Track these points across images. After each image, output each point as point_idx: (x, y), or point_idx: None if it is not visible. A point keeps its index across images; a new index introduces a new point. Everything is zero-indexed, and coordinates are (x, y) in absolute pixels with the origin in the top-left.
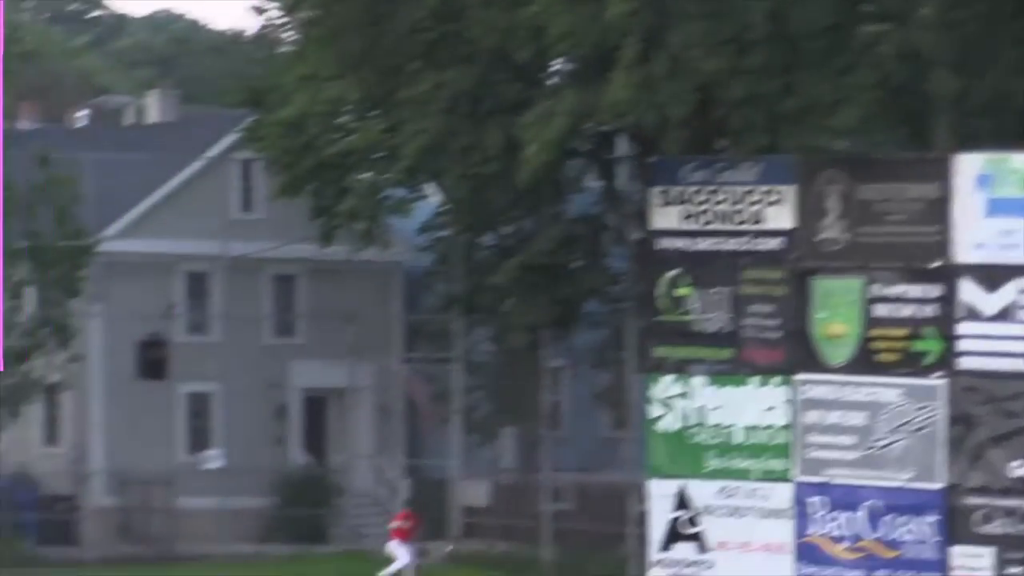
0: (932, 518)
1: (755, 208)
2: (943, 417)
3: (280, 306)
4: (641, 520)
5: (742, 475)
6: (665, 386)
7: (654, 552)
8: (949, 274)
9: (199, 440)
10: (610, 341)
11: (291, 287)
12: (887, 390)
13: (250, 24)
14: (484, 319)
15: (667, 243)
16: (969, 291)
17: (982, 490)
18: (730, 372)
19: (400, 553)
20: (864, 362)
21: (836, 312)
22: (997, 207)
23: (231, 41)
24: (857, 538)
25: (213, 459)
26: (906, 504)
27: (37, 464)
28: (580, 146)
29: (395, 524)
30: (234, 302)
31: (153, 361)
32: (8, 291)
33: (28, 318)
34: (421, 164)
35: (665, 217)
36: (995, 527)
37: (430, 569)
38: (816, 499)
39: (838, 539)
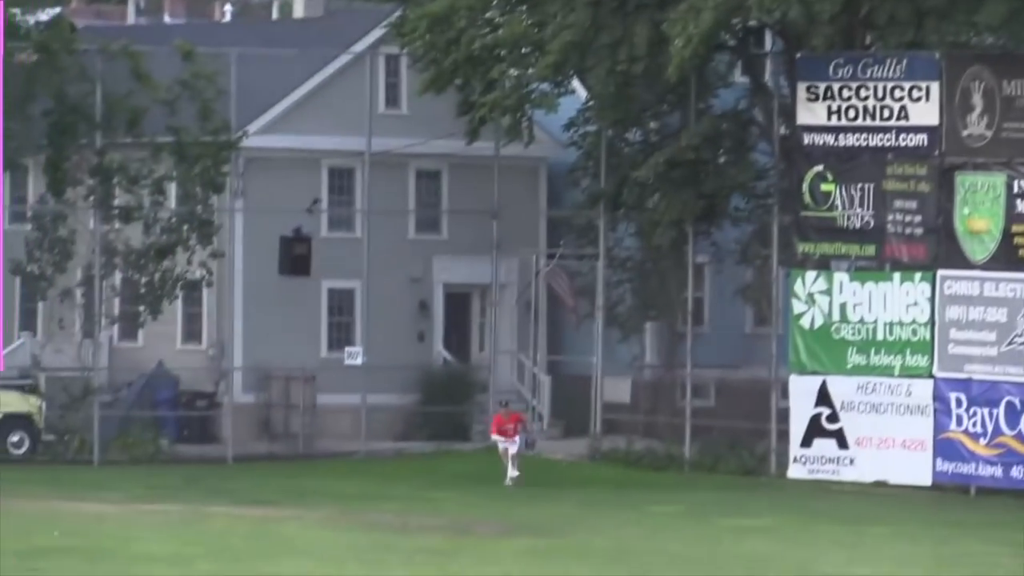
0: None
1: (900, 104)
2: None
3: (424, 202)
4: (782, 416)
5: (883, 371)
6: (808, 282)
7: (794, 448)
8: None
9: (341, 337)
10: (754, 237)
11: (435, 183)
12: None
13: None
14: (628, 215)
15: (812, 139)
16: None
17: None
18: (873, 268)
19: (510, 449)
20: (1006, 258)
21: (979, 208)
22: None
23: None
24: (996, 434)
25: (355, 356)
26: None
27: (177, 361)
28: (727, 41)
29: (502, 427)
30: (378, 198)
31: (296, 257)
32: (151, 186)
33: (170, 214)
34: (567, 60)
35: (811, 113)
36: None
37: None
38: (956, 395)
39: (977, 435)
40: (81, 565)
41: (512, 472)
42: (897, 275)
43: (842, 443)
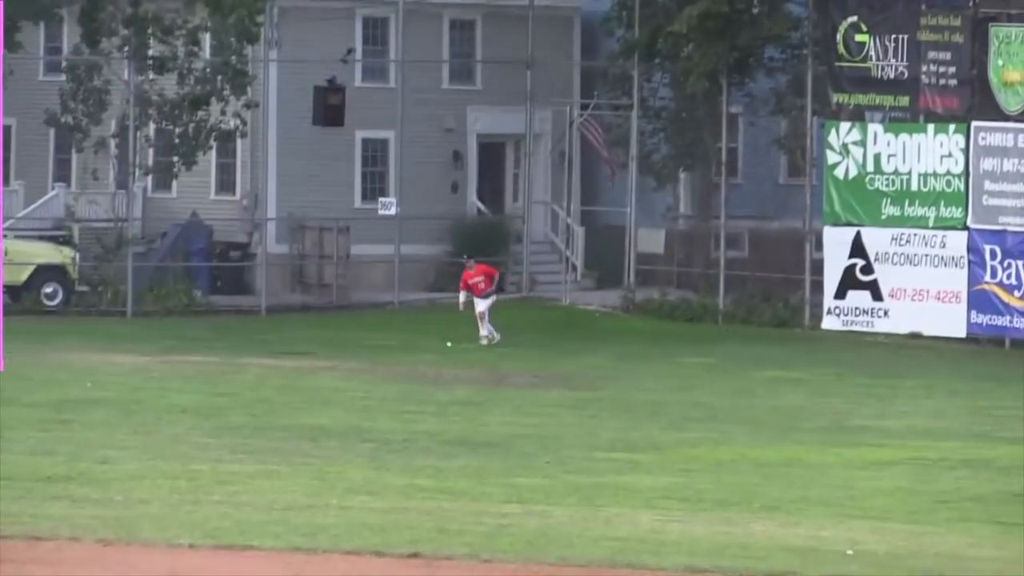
0: None
1: None
2: None
3: (458, 52)
4: (816, 268)
5: (917, 223)
6: (842, 133)
7: (828, 300)
8: None
9: (374, 187)
10: (789, 87)
11: (469, 32)
12: None
13: None
14: (663, 65)
15: None
16: None
17: None
18: (907, 119)
19: (478, 306)
20: None
21: (1013, 59)
22: None
23: None
24: None
25: (388, 206)
26: None
27: (211, 212)
28: None
29: (472, 280)
30: (411, 48)
31: (330, 107)
32: (186, 36)
33: (205, 64)
34: None
35: None
36: None
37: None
38: (990, 247)
39: (1011, 288)
40: (114, 416)
41: (483, 331)
42: (931, 126)
43: (876, 295)
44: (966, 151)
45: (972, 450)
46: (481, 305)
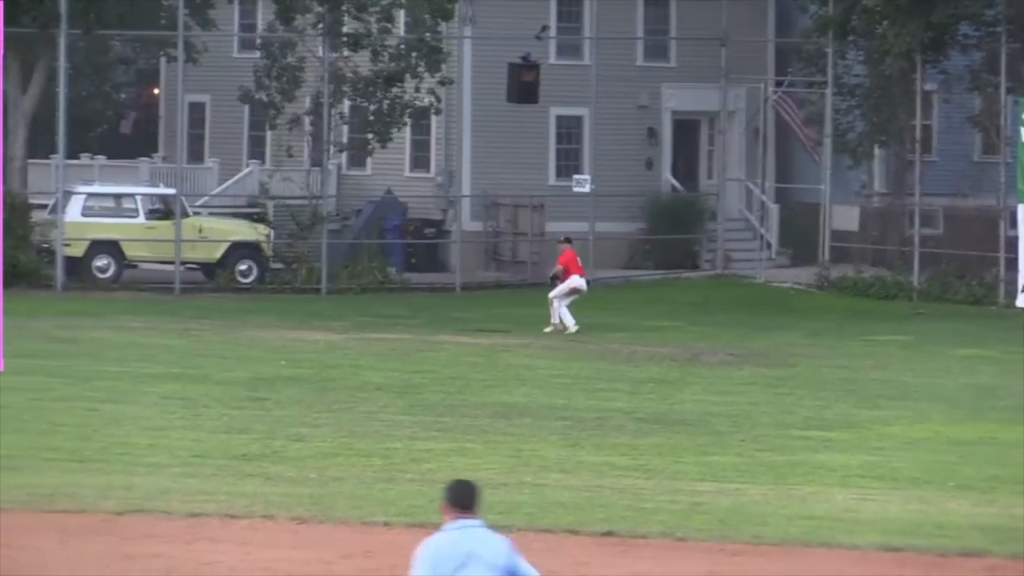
0: None
1: None
2: None
3: (652, 29)
4: (1010, 245)
5: None
6: None
7: (1023, 278)
8: None
9: (569, 164)
10: (984, 64)
11: (664, 9)
12: None
13: None
14: (857, 42)
15: None
16: None
17: None
18: None
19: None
20: None
21: None
22: None
23: None
24: None
25: (582, 183)
26: None
27: (405, 189)
28: None
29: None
30: (605, 25)
31: (524, 84)
32: (380, 12)
33: (399, 41)
34: None
35: None
36: None
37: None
38: None
39: None
40: (308, 394)
41: (555, 320)
42: None
43: None
44: None
45: None
46: (555, 290)
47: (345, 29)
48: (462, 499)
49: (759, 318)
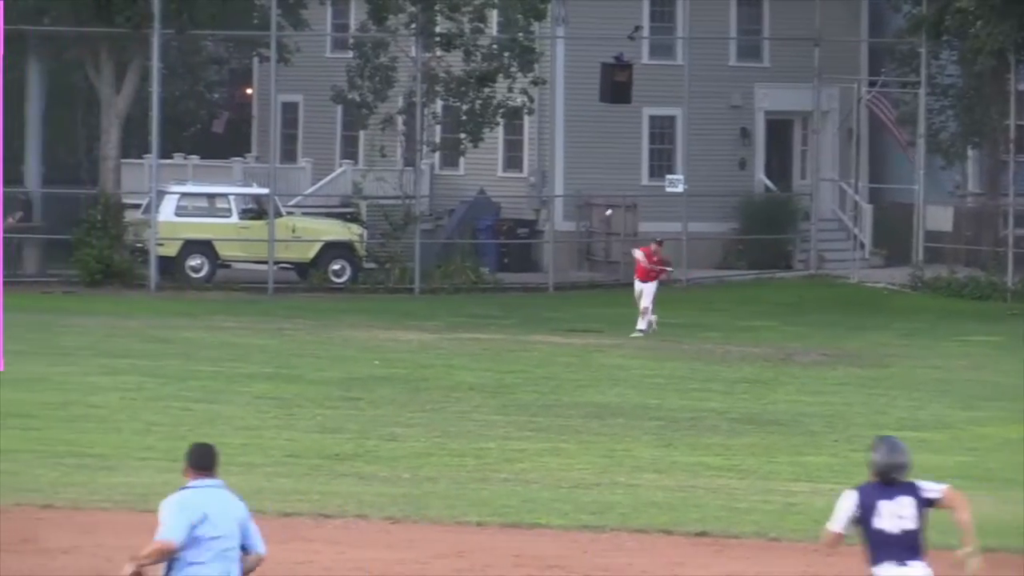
0: None
1: None
2: None
3: (745, 29)
4: None
5: None
6: None
7: None
8: None
9: (662, 164)
10: None
11: (757, 9)
12: None
13: None
14: (951, 41)
15: None
16: None
17: None
18: None
19: (646, 293)
20: None
21: None
22: None
23: None
24: None
25: (675, 183)
26: None
27: (498, 189)
28: None
29: (643, 263)
30: (699, 24)
31: (617, 84)
32: (473, 12)
33: (492, 41)
34: None
35: None
36: None
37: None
38: None
39: None
40: (401, 394)
41: (641, 323)
42: None
43: None
44: None
45: None
46: (646, 290)
47: (438, 29)
48: (202, 461)
49: (852, 318)
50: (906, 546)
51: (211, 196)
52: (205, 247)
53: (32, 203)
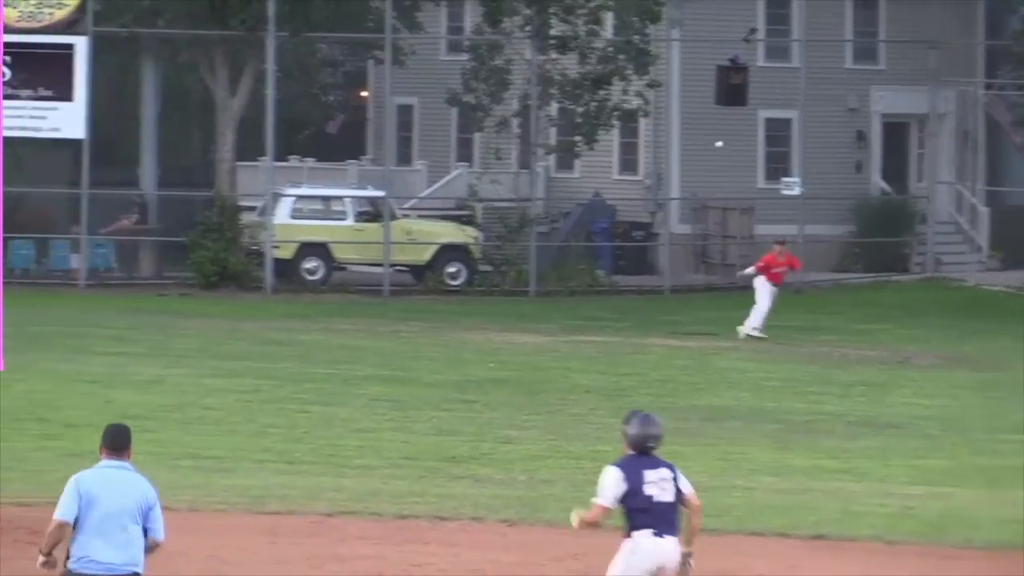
0: None
1: None
2: None
3: (861, 31)
4: None
5: None
6: None
7: None
8: None
9: (777, 167)
10: None
11: (873, 11)
12: None
13: None
14: None
15: None
16: None
17: None
18: None
19: (762, 295)
20: None
21: None
22: None
23: None
24: None
25: (792, 186)
26: None
27: (613, 191)
28: None
29: (777, 267)
30: (814, 27)
31: (732, 86)
32: (588, 15)
33: (607, 44)
34: None
35: None
36: None
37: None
38: None
39: None
40: (517, 396)
41: (756, 321)
42: None
43: None
44: None
45: None
46: (768, 295)
47: (553, 31)
48: (115, 442)
49: (969, 321)
50: (665, 518)
51: (327, 198)
52: (321, 249)
53: (147, 205)
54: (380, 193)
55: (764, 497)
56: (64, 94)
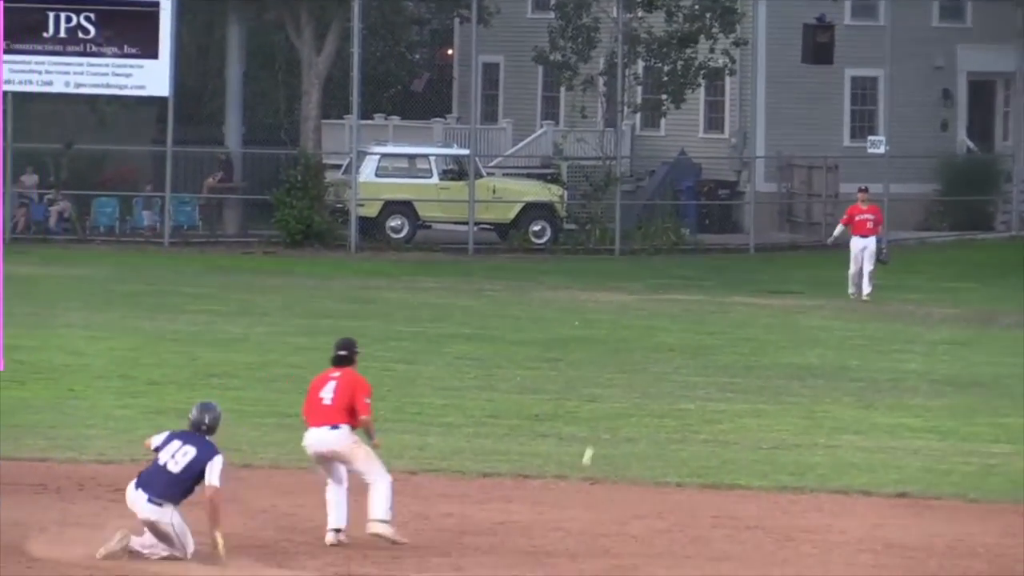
0: None
1: None
2: None
3: None
4: None
5: None
6: None
7: None
8: None
9: (863, 125)
10: None
11: None
12: None
13: None
14: None
15: None
16: None
17: None
18: None
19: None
20: None
21: None
22: None
23: None
24: None
25: (877, 145)
26: None
27: (699, 150)
28: None
29: (859, 216)
30: None
31: (818, 45)
32: None
33: (693, 2)
34: None
35: None
36: None
37: None
38: None
39: None
40: (601, 354)
41: (866, 287)
42: None
43: None
44: None
45: None
46: (858, 246)
47: None
48: None
49: None
50: (164, 482)
51: (412, 157)
52: (405, 208)
53: (232, 164)
54: (465, 151)
55: (847, 455)
56: (149, 52)
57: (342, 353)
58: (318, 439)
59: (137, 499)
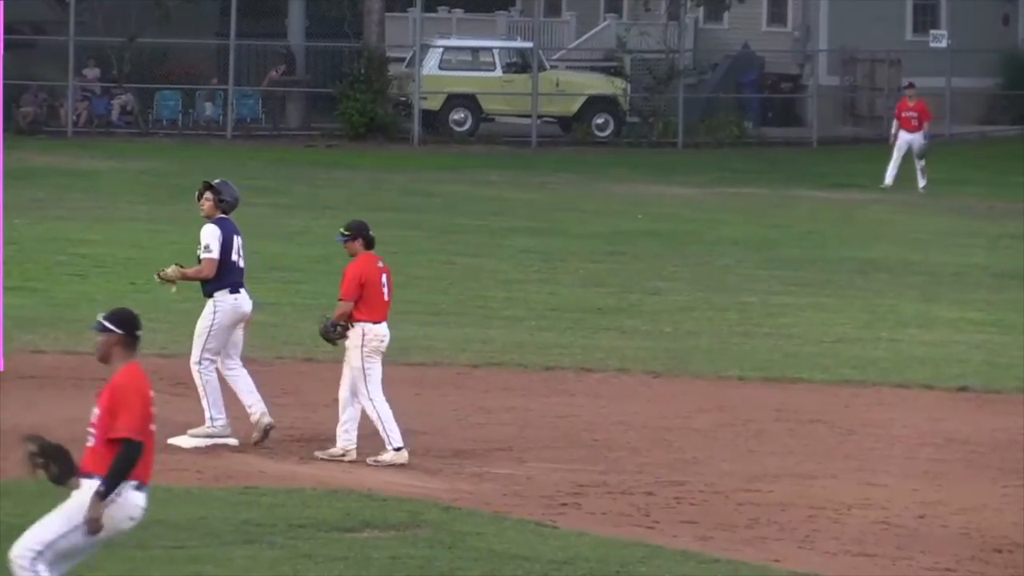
0: None
1: None
2: None
3: None
4: None
5: None
6: None
7: None
8: None
9: (925, 19)
10: None
11: None
12: None
13: None
14: None
15: None
16: None
17: None
18: None
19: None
20: None
21: None
22: None
23: None
24: None
25: (939, 39)
26: None
27: (762, 43)
28: None
29: (905, 112)
30: None
31: None
32: None
33: None
34: None
35: None
36: None
37: None
38: None
39: None
40: (664, 248)
41: (920, 180)
42: None
43: None
44: None
45: None
46: (903, 140)
47: None
48: None
49: None
50: (242, 277)
51: (475, 50)
52: (469, 101)
53: (295, 57)
54: (528, 44)
55: (910, 349)
56: None
57: (373, 234)
58: (387, 334)
59: (243, 298)
